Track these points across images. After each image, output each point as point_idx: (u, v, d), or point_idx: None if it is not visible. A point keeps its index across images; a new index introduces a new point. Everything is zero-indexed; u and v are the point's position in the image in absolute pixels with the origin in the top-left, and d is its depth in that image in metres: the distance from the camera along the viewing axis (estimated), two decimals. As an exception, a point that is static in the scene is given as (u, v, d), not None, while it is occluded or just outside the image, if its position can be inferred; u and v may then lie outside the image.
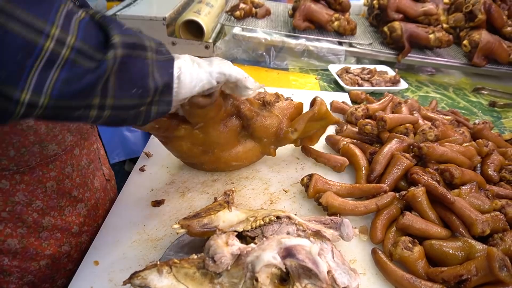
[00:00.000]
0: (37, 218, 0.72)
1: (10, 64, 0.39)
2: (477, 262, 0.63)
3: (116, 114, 0.51)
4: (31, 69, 0.40)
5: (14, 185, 0.68)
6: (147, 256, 0.70)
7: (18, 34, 0.38)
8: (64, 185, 0.76)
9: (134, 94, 0.51)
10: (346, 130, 1.06)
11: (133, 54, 0.49)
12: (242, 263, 0.58)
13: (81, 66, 0.43)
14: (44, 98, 0.41)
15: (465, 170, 0.85)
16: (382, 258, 0.70)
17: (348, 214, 0.78)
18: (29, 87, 0.40)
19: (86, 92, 0.45)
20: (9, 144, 0.64)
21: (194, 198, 0.84)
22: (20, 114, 0.41)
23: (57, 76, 0.42)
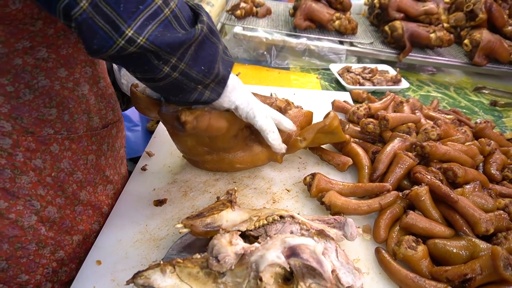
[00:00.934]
0: (75, 189, 0.73)
1: (129, 5, 0.48)
2: (482, 261, 0.63)
3: (181, 79, 0.59)
4: (140, 14, 0.49)
5: (62, 151, 0.69)
6: (150, 255, 0.69)
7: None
8: (100, 162, 0.78)
9: (201, 70, 0.59)
10: (348, 129, 1.06)
11: (211, 38, 0.59)
12: (246, 263, 0.58)
13: (174, 29, 0.53)
14: (142, 38, 0.50)
15: (468, 169, 0.84)
16: (385, 257, 0.69)
17: (351, 213, 0.78)
18: (134, 26, 0.49)
19: (171, 48, 0.53)
20: (65, 109, 0.67)
21: (196, 197, 0.83)
22: (118, 46, 0.49)
23: (156, 27, 0.51)
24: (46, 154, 0.67)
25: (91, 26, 0.47)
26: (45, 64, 0.62)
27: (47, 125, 0.66)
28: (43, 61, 0.62)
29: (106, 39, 0.48)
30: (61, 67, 0.64)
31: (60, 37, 0.62)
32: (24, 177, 0.65)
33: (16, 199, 0.64)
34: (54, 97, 0.65)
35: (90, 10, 0.46)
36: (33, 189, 0.66)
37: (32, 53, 0.60)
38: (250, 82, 1.48)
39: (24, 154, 0.64)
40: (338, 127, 0.88)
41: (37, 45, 0.60)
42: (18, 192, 0.65)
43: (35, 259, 0.68)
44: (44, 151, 0.66)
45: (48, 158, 0.67)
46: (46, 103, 0.64)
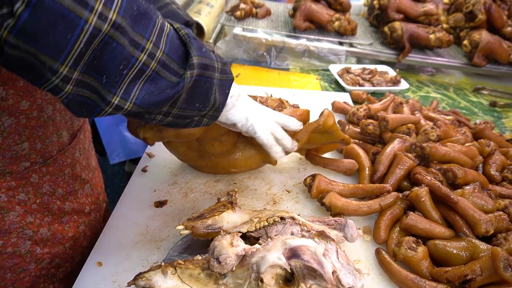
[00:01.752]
0: (60, 205, 0.75)
1: (112, 72, 0.46)
2: (482, 262, 0.63)
3: (175, 120, 0.58)
4: (124, 79, 0.47)
5: (41, 177, 0.71)
6: (151, 257, 0.69)
7: (124, 48, 0.45)
8: (76, 170, 0.80)
9: (196, 107, 0.59)
10: (348, 130, 1.06)
11: (205, 74, 0.57)
12: (247, 264, 0.58)
13: (163, 79, 0.51)
14: (129, 104, 0.49)
15: (468, 170, 0.85)
16: (386, 258, 0.70)
17: (351, 214, 0.78)
18: (119, 93, 0.47)
19: (162, 104, 0.52)
20: (36, 138, 0.68)
21: (197, 198, 0.84)
22: (107, 112, 0.48)
23: (142, 85, 0.49)
24: (27, 187, 0.68)
25: (78, 101, 0.47)
26: (5, 103, 0.61)
27: (22, 160, 0.66)
28: (2, 100, 0.60)
29: (94, 107, 0.48)
30: (21, 100, 0.63)
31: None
32: (11, 213, 0.67)
33: (9, 234, 0.67)
34: (22, 132, 0.65)
35: (75, 89, 0.45)
36: (23, 220, 0.69)
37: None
38: (250, 83, 1.48)
39: (6, 193, 0.66)
40: (334, 126, 0.84)
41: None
42: (9, 228, 0.67)
43: (36, 274, 0.73)
44: (25, 185, 0.68)
45: (30, 189, 0.69)
46: (16, 140, 0.64)
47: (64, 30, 0.40)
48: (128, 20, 0.45)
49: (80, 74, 0.44)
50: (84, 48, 0.42)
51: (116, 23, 0.43)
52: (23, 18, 0.38)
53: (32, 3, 0.38)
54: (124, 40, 0.45)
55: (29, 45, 0.40)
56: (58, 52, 0.41)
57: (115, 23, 0.43)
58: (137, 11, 0.46)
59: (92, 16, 0.41)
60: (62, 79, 0.43)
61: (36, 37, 0.39)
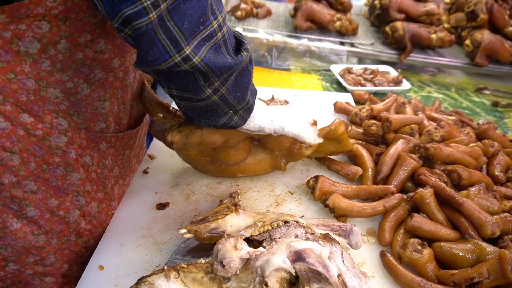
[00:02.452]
0: (113, 184, 0.76)
1: (193, 21, 0.49)
2: (489, 265, 0.62)
3: (218, 103, 0.60)
4: (199, 33, 0.50)
5: (108, 148, 0.71)
6: (153, 260, 0.68)
7: (206, 5, 0.50)
8: (131, 155, 0.80)
9: (237, 96, 0.61)
10: (351, 131, 1.05)
11: (249, 67, 0.61)
12: (251, 267, 0.57)
13: (222, 53, 0.54)
14: (197, 58, 0.51)
15: (473, 171, 0.84)
16: (391, 260, 0.69)
17: (355, 216, 0.77)
18: (192, 44, 0.50)
19: (220, 71, 0.54)
20: (115, 99, 0.68)
21: (199, 200, 0.83)
22: (173, 61, 0.50)
23: (209, 48, 0.52)
24: (94, 151, 0.68)
25: (152, 39, 0.47)
26: (102, 56, 0.62)
27: (99, 119, 0.66)
28: (100, 53, 0.61)
29: (163, 53, 0.49)
30: (115, 57, 0.64)
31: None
32: (75, 173, 0.66)
33: (65, 196, 0.66)
34: (107, 89, 0.65)
35: (156, 23, 0.46)
36: (81, 186, 0.68)
37: (92, 46, 0.59)
38: (251, 83, 1.47)
39: (76, 151, 0.64)
40: (344, 134, 0.85)
41: (97, 37, 0.59)
42: (68, 189, 0.66)
43: (74, 249, 0.72)
44: (93, 148, 0.68)
45: (96, 155, 0.69)
46: (100, 96, 0.64)
47: None
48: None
49: (165, 11, 0.46)
50: None
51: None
52: None
53: None
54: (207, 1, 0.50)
55: None
56: None
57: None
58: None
59: None
60: (152, 3, 0.44)
61: None
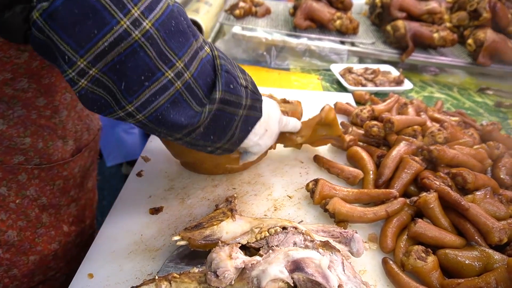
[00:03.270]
0: (38, 213, 0.72)
1: (133, 81, 0.44)
2: (497, 274, 0.59)
3: (185, 144, 0.57)
4: (145, 90, 0.45)
5: (30, 179, 0.68)
6: (145, 268, 0.65)
7: (151, 59, 0.44)
8: (68, 185, 0.76)
9: (210, 140, 0.57)
10: (352, 132, 1.02)
11: (226, 110, 0.55)
12: (246, 278, 0.54)
13: (184, 103, 0.49)
14: (142, 116, 0.47)
15: (478, 174, 0.81)
16: (393, 268, 0.66)
17: (356, 221, 0.74)
18: (136, 103, 0.46)
19: (175, 129, 0.50)
20: (40, 137, 0.66)
21: (194, 205, 0.80)
22: (118, 116, 0.47)
23: (162, 103, 0.47)
24: (12, 183, 0.66)
25: (91, 98, 0.46)
26: (23, 94, 0.60)
27: (18, 153, 0.64)
28: (22, 91, 0.60)
29: (106, 107, 0.47)
30: (40, 96, 0.63)
31: (44, 68, 0.61)
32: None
33: None
34: (29, 126, 0.64)
35: (90, 86, 0.44)
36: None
37: (12, 84, 0.58)
38: (250, 83, 1.44)
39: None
40: (334, 120, 0.88)
41: (19, 76, 0.58)
42: None
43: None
44: (10, 180, 0.65)
45: (14, 186, 0.67)
46: (20, 132, 0.63)
47: (92, 25, 0.40)
48: (162, 33, 0.44)
49: (99, 73, 0.43)
50: (108, 48, 0.41)
51: (148, 33, 0.43)
52: (56, 4, 0.38)
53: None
54: (152, 52, 0.44)
55: (54, 32, 0.40)
56: (80, 45, 0.41)
57: (148, 32, 0.42)
58: (175, 27, 0.46)
59: (126, 20, 0.41)
60: (78, 73, 0.42)
61: (63, 25, 0.40)
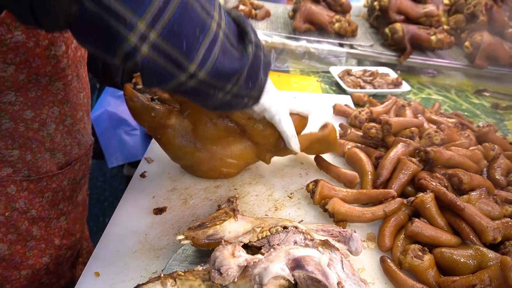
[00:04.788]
0: (28, 226, 0.72)
1: (191, 37, 0.45)
2: (491, 271, 0.61)
3: (231, 100, 0.57)
4: (201, 44, 0.46)
5: (19, 191, 0.69)
6: (150, 266, 0.67)
7: (198, 13, 0.45)
8: (57, 197, 0.77)
9: (249, 87, 0.58)
10: (350, 134, 1.04)
11: (257, 53, 0.56)
12: (249, 275, 0.56)
13: (229, 52, 0.50)
14: (203, 72, 0.47)
15: (474, 175, 0.83)
16: (391, 267, 0.68)
17: (355, 221, 0.76)
18: (197, 60, 0.46)
19: (230, 76, 0.51)
20: (28, 149, 0.67)
21: (197, 205, 0.82)
22: (179, 81, 0.47)
23: (217, 55, 0.48)
24: (1, 195, 0.66)
25: (153, 68, 0.45)
26: (11, 107, 0.61)
27: (6, 165, 0.65)
28: (9, 104, 0.61)
29: (167, 76, 0.46)
30: (27, 109, 0.64)
31: (31, 81, 0.61)
32: None
33: None
34: (17, 139, 0.64)
35: (151, 54, 0.43)
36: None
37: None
38: (250, 85, 1.46)
39: None
40: (335, 140, 0.88)
41: (6, 89, 0.59)
42: None
43: None
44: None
45: (3, 198, 0.67)
46: (8, 145, 0.64)
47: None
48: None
49: (159, 38, 0.42)
50: (163, 5, 0.41)
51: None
52: None
53: None
54: (197, 5, 0.45)
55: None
56: (137, 4, 0.40)
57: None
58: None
59: None
60: (140, 38, 0.41)
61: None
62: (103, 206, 2.35)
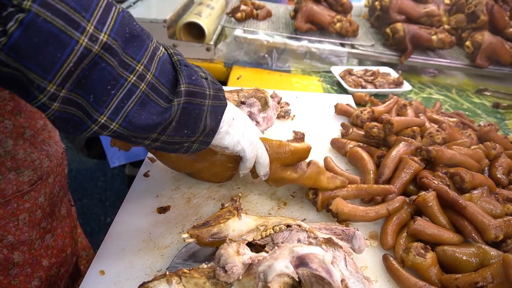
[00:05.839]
0: (7, 254, 0.66)
1: (100, 91, 0.45)
2: (493, 269, 0.62)
3: (164, 146, 0.58)
4: (113, 98, 0.46)
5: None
6: (154, 264, 0.68)
7: (113, 68, 0.45)
8: (36, 216, 0.71)
9: (185, 134, 0.58)
10: (352, 133, 1.05)
11: (193, 101, 0.56)
12: (253, 273, 0.57)
13: (152, 103, 0.50)
14: (115, 124, 0.48)
15: (475, 174, 0.83)
16: (394, 265, 0.68)
17: (358, 220, 0.77)
18: (106, 113, 0.46)
19: (149, 129, 0.51)
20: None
21: (200, 204, 0.82)
22: (92, 131, 0.47)
23: (131, 107, 0.48)
24: None
25: (65, 118, 0.46)
26: None
27: None
28: None
29: (80, 124, 0.47)
30: None
31: None
32: None
33: None
34: None
35: (62, 107, 0.44)
36: None
37: None
38: (251, 85, 1.46)
39: None
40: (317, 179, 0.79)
41: None
42: None
43: None
44: None
45: None
46: None
47: (55, 50, 0.40)
48: (119, 42, 0.45)
49: (68, 92, 0.44)
50: (73, 67, 0.42)
51: (106, 44, 0.43)
52: (15, 36, 0.38)
53: (25, 23, 0.38)
54: (113, 61, 0.45)
55: (19, 63, 0.39)
56: (47, 71, 0.41)
57: (106, 44, 0.43)
58: (129, 34, 0.46)
59: (83, 37, 0.41)
60: (50, 97, 0.42)
61: (27, 55, 0.39)
62: (105, 206, 2.36)
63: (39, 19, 0.38)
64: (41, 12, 0.38)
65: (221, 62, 1.66)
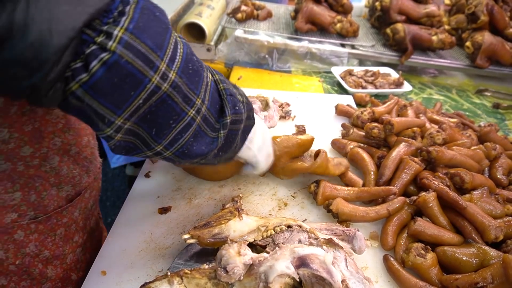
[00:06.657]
0: (42, 268, 0.67)
1: (162, 126, 0.47)
2: (493, 270, 0.62)
3: (199, 165, 0.59)
4: (172, 130, 0.49)
5: (28, 235, 0.62)
6: (156, 265, 0.68)
7: (178, 104, 0.47)
8: (70, 231, 0.71)
9: (219, 156, 0.59)
10: (353, 133, 1.05)
11: (233, 128, 0.58)
12: (254, 273, 0.57)
13: (204, 134, 0.53)
14: (169, 153, 0.51)
15: (476, 175, 0.84)
16: (394, 265, 0.69)
17: (359, 221, 0.77)
18: (164, 143, 0.49)
19: (197, 158, 0.54)
20: (32, 188, 0.60)
21: (201, 204, 0.82)
22: (146, 155, 0.51)
23: (187, 140, 0.51)
24: (9, 243, 0.60)
25: (122, 146, 0.48)
26: (5, 146, 0.55)
27: (9, 210, 0.58)
28: (3, 143, 0.55)
29: (135, 150, 0.50)
30: (25, 145, 0.57)
31: (25, 114, 0.56)
32: None
33: None
34: (17, 180, 0.58)
35: (123, 137, 0.47)
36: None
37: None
38: (252, 85, 1.47)
39: None
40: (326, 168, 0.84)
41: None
42: None
43: None
44: (6, 241, 0.60)
45: (12, 246, 0.61)
46: (7, 188, 0.57)
47: (129, 88, 0.42)
48: (184, 79, 0.47)
49: (131, 124, 0.46)
50: (142, 103, 0.44)
51: (174, 82, 0.45)
52: (97, 76, 0.39)
53: (109, 64, 0.39)
54: (178, 97, 0.46)
55: (96, 101, 0.41)
56: (118, 107, 0.42)
57: (174, 82, 0.45)
58: (191, 69, 0.48)
59: (156, 76, 0.43)
60: (116, 130, 0.44)
61: (104, 94, 0.40)
62: (105, 206, 2.36)
63: (122, 61, 0.39)
64: (124, 53, 0.39)
65: (222, 63, 1.66)
